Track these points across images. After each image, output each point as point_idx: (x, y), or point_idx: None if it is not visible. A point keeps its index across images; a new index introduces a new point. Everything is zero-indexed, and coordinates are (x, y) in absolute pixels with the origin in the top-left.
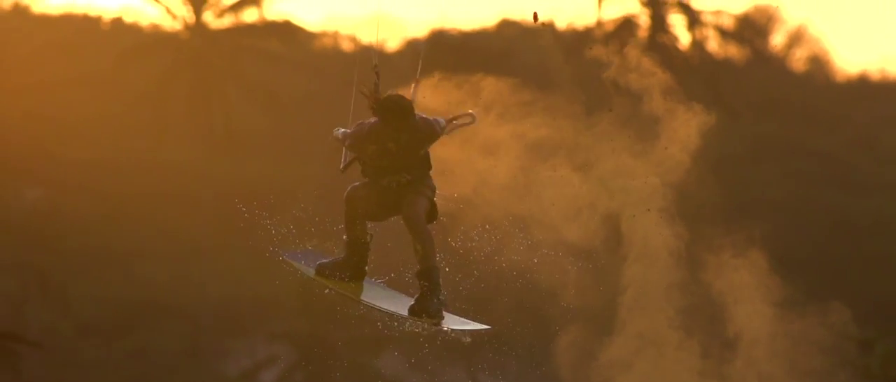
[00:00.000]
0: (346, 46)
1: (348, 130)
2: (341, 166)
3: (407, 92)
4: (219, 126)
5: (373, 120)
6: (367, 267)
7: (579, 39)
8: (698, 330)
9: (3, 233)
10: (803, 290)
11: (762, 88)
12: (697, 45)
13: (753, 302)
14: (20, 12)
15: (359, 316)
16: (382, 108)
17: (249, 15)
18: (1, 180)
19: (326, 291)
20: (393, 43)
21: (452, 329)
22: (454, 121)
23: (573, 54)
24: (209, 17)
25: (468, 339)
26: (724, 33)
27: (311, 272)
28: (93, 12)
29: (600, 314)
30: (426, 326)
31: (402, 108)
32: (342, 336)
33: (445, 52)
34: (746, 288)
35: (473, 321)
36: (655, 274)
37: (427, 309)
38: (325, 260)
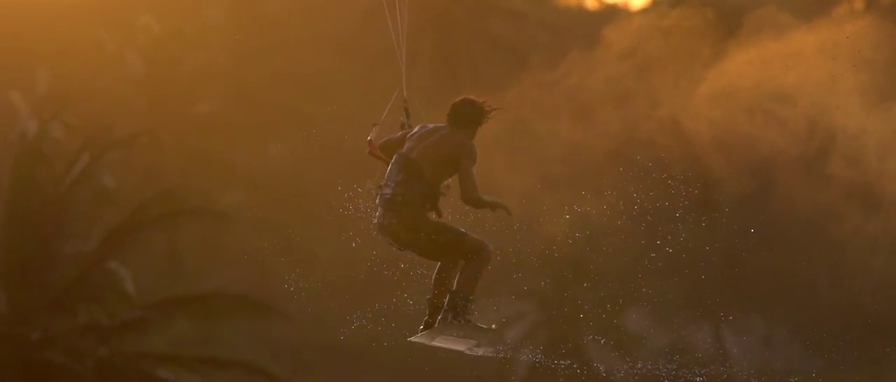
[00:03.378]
0: (591, 4)
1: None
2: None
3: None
4: (464, 83)
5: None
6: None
7: None
8: None
9: (249, 192)
10: None
11: None
12: None
13: None
14: None
15: (603, 274)
16: None
17: None
18: (247, 138)
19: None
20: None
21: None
22: None
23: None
24: None
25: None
26: None
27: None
28: None
29: None
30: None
31: None
32: (587, 294)
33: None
34: None
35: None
36: None
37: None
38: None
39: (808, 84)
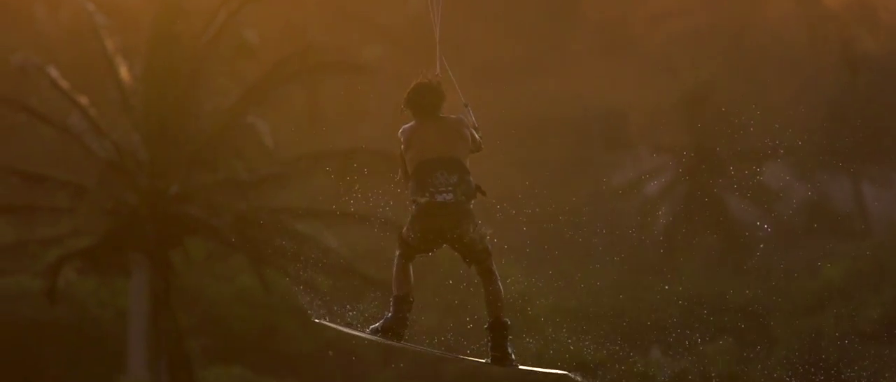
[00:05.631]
0: None
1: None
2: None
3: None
4: None
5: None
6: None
7: None
8: None
9: (389, 46)
10: None
11: None
12: None
13: None
14: None
15: (743, 127)
16: None
17: None
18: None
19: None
20: None
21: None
22: None
23: None
24: None
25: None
26: None
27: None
28: None
29: None
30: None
31: None
32: (725, 147)
33: None
34: None
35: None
36: None
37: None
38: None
39: None
